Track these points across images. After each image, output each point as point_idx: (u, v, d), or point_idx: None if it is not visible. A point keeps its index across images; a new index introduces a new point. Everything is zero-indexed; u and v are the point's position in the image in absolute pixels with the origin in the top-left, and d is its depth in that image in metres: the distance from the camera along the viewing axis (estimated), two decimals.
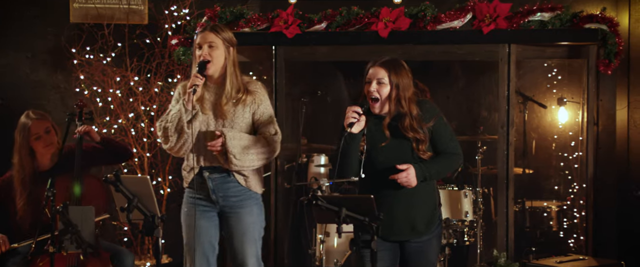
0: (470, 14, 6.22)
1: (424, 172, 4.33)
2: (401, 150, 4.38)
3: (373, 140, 4.42)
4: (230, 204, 4.75)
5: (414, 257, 4.50)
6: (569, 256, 6.11)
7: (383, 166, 4.38)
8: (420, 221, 4.43)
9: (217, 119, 4.70)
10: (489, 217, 7.13)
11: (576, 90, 7.38)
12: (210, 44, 4.67)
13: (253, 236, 4.79)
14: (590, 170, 6.43)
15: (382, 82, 4.34)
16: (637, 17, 7.08)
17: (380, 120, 4.41)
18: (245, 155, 4.65)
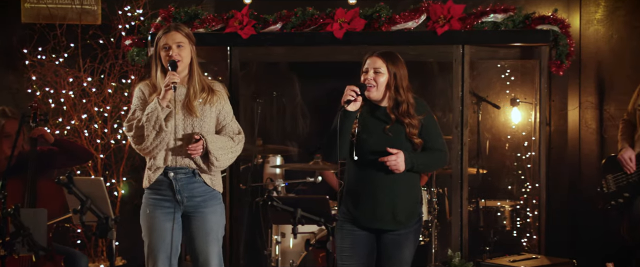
0: (425, 15, 6.26)
1: (413, 160, 4.46)
2: (393, 137, 4.49)
3: (365, 126, 4.52)
4: (195, 204, 4.72)
5: (390, 249, 4.58)
6: (522, 255, 6.18)
7: (373, 152, 4.47)
8: (401, 211, 4.53)
9: (187, 118, 4.68)
10: (444, 217, 7.17)
11: (529, 91, 7.45)
12: (178, 43, 4.67)
13: (217, 235, 4.78)
14: (542, 170, 6.51)
15: (379, 72, 4.51)
16: (588, 18, 7.18)
17: (374, 108, 4.55)
18: (223, 156, 4.67)
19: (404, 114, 4.50)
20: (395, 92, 4.52)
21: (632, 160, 5.50)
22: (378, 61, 4.53)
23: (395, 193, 4.51)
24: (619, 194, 5.60)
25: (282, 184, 6.59)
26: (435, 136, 4.62)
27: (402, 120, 4.49)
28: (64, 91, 7.11)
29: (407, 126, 4.50)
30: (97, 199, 4.24)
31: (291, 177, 7.00)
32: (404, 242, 4.58)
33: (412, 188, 4.61)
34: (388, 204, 4.50)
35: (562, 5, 7.18)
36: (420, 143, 4.54)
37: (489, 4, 6.38)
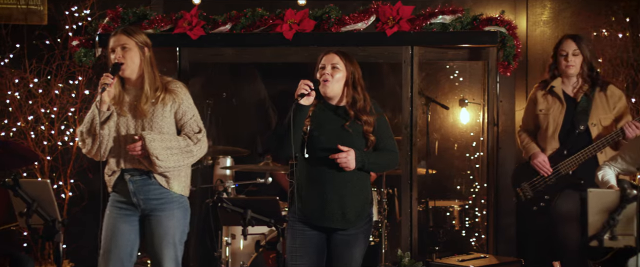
0: (374, 16, 6.28)
1: (363, 158, 4.49)
2: (350, 134, 4.50)
3: (318, 123, 4.54)
4: (152, 207, 4.69)
5: (340, 250, 4.58)
6: (471, 255, 6.22)
7: (324, 149, 4.48)
8: (351, 210, 4.53)
9: (136, 120, 4.66)
10: (394, 218, 7.20)
11: (477, 92, 7.53)
12: (123, 46, 4.65)
13: (172, 239, 4.73)
14: (491, 170, 6.57)
15: (337, 67, 4.54)
16: (534, 20, 7.27)
17: (330, 106, 4.58)
18: (169, 156, 4.61)
19: (362, 111, 4.54)
20: (353, 89, 4.58)
21: (546, 162, 5.62)
22: (335, 57, 4.57)
23: (346, 192, 4.52)
24: (540, 198, 5.70)
25: (232, 186, 6.57)
26: (387, 136, 4.66)
27: (360, 118, 4.52)
28: (9, 92, 7.00)
29: (364, 124, 4.53)
30: (44, 202, 4.19)
31: (241, 178, 6.99)
32: (354, 242, 4.60)
33: (362, 188, 4.62)
34: (338, 203, 4.50)
35: (509, 6, 7.26)
36: (373, 142, 4.57)
37: (437, 5, 6.42)
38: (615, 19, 6.69)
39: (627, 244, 3.99)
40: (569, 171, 5.55)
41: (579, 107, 5.56)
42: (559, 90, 5.63)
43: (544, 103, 5.69)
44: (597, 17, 6.81)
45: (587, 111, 5.53)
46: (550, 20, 7.25)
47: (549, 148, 5.65)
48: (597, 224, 4.04)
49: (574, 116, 5.56)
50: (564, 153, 5.58)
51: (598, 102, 5.53)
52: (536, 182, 5.72)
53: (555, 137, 5.62)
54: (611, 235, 3.95)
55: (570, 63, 5.55)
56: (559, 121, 5.60)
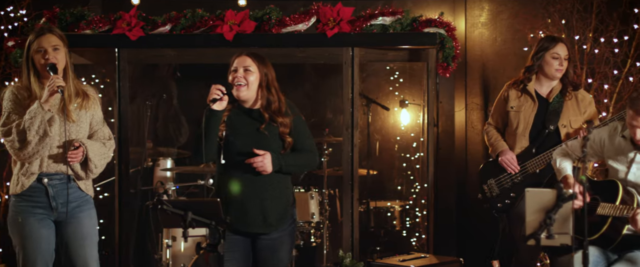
0: (315, 17, 6.29)
1: (280, 161, 4.44)
2: (266, 137, 4.46)
3: (233, 128, 4.49)
4: (70, 210, 4.61)
5: (266, 254, 4.54)
6: (412, 254, 6.27)
7: (241, 154, 4.43)
8: (272, 214, 4.49)
9: (65, 123, 4.57)
10: (335, 218, 7.23)
11: (417, 93, 7.59)
12: (54, 46, 4.56)
13: (93, 239, 4.70)
14: (431, 170, 6.62)
15: (249, 70, 4.49)
16: (473, 21, 7.36)
17: (245, 110, 4.53)
18: (100, 161, 4.61)
19: (277, 112, 4.50)
20: (267, 91, 4.51)
21: (514, 160, 5.67)
22: (247, 60, 4.52)
23: (266, 195, 4.48)
24: (506, 195, 5.75)
25: (172, 187, 6.52)
26: (304, 137, 4.62)
27: (275, 120, 4.49)
28: None
29: (280, 125, 4.49)
30: None
31: (182, 180, 6.94)
32: (279, 246, 4.55)
33: (282, 190, 4.57)
34: (259, 209, 4.47)
35: (448, 8, 7.33)
36: (291, 143, 4.54)
37: (377, 7, 6.46)
38: (552, 21, 6.79)
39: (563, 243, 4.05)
40: (536, 170, 5.61)
41: (550, 107, 5.61)
42: (532, 89, 5.68)
43: (515, 101, 5.73)
44: (534, 19, 6.91)
45: (558, 112, 5.59)
46: (488, 22, 7.34)
47: (518, 146, 5.70)
48: (534, 223, 4.09)
49: (545, 116, 5.61)
50: (532, 152, 5.63)
51: (569, 104, 5.59)
52: (503, 180, 5.77)
53: (525, 135, 5.67)
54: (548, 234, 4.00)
55: (562, 67, 5.58)
56: (529, 120, 5.65)
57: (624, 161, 4.59)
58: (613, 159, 4.65)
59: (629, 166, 4.56)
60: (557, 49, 5.56)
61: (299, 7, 6.43)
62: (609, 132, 4.73)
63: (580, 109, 5.62)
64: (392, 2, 7.06)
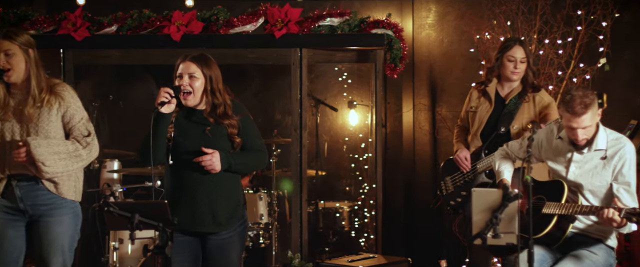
0: (263, 18, 6.29)
1: (229, 159, 4.41)
2: (213, 138, 4.43)
3: (181, 129, 4.45)
4: (40, 213, 4.54)
5: (215, 254, 4.51)
6: (360, 255, 6.28)
7: (189, 154, 4.40)
8: (222, 213, 4.46)
9: (22, 125, 4.50)
10: (284, 219, 7.23)
11: (365, 94, 7.62)
12: (6, 52, 4.48)
13: (61, 245, 4.59)
14: (379, 170, 6.65)
15: (194, 76, 4.42)
16: (420, 23, 7.41)
17: (192, 112, 4.48)
18: (56, 161, 4.47)
19: (223, 115, 4.47)
20: (212, 95, 4.47)
21: (467, 159, 5.72)
22: (192, 66, 4.45)
23: (215, 195, 4.45)
24: (457, 193, 5.81)
25: (119, 189, 6.45)
26: (253, 136, 4.60)
27: (221, 122, 4.47)
28: None
29: (227, 127, 4.47)
30: None
31: (130, 182, 6.87)
32: (229, 246, 4.52)
33: (232, 190, 4.55)
34: (208, 206, 4.44)
35: (396, 9, 7.37)
36: (240, 143, 4.53)
37: (325, 8, 6.48)
38: (497, 23, 6.87)
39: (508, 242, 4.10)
40: (485, 171, 5.66)
41: (505, 109, 5.66)
42: (492, 90, 5.72)
43: (475, 101, 5.78)
44: (480, 20, 6.98)
45: (512, 114, 5.63)
46: (435, 23, 7.40)
47: (472, 145, 5.75)
48: (481, 222, 4.13)
49: (499, 118, 5.66)
50: (484, 152, 5.68)
51: (525, 107, 5.63)
52: (456, 178, 5.81)
53: (477, 136, 5.72)
54: (494, 233, 4.05)
55: (517, 70, 5.62)
56: (483, 120, 5.70)
57: (563, 161, 4.67)
58: (552, 161, 4.72)
59: (568, 166, 4.64)
60: (512, 52, 5.61)
61: (247, 8, 6.42)
62: (546, 134, 4.81)
63: (536, 110, 5.66)
64: (340, 3, 7.08)
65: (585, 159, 4.59)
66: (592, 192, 4.56)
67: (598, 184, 4.56)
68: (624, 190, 4.48)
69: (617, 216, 4.22)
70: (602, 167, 4.55)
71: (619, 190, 4.49)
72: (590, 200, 4.57)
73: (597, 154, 4.56)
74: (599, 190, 4.55)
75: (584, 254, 4.51)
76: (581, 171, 4.59)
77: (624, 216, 4.20)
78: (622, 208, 4.23)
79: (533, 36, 6.75)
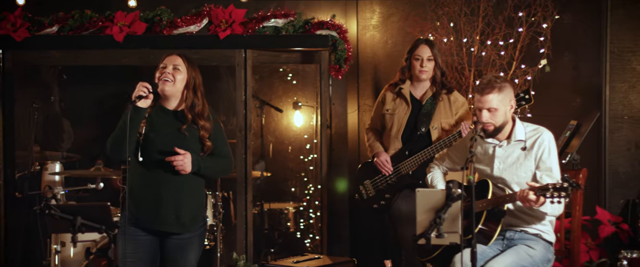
0: (207, 19, 6.26)
1: (199, 162, 4.46)
2: (187, 138, 4.46)
3: (153, 126, 4.46)
4: None
5: (174, 255, 4.54)
6: (306, 256, 6.29)
7: (159, 153, 4.41)
8: (186, 214, 4.50)
9: None
10: (229, 221, 7.20)
11: (310, 95, 7.63)
12: None
13: None
14: (324, 171, 6.67)
15: (178, 69, 4.49)
16: (364, 24, 7.44)
17: (165, 110, 4.51)
18: None
19: (200, 115, 4.52)
20: (193, 94, 4.53)
21: (388, 162, 5.78)
22: (178, 59, 4.52)
23: (181, 196, 4.49)
24: (381, 196, 5.85)
25: (61, 192, 6.37)
26: (222, 143, 4.67)
27: (197, 122, 4.50)
28: None
29: (201, 128, 4.51)
30: None
31: (72, 184, 6.79)
32: (188, 246, 4.57)
33: (197, 192, 4.61)
34: (173, 206, 4.47)
35: (340, 11, 7.39)
36: (210, 147, 4.55)
37: (269, 9, 6.47)
38: (440, 24, 6.93)
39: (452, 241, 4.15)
40: (409, 171, 5.71)
41: (423, 109, 5.72)
42: (407, 92, 5.78)
43: (391, 103, 5.83)
44: (424, 22, 7.03)
45: (430, 114, 5.69)
46: (380, 24, 7.44)
47: (392, 148, 5.80)
48: (425, 222, 4.17)
49: (417, 118, 5.71)
50: (405, 153, 5.72)
51: (441, 106, 5.70)
52: (378, 181, 5.85)
53: (398, 138, 5.77)
54: (438, 233, 4.09)
55: (424, 68, 5.69)
56: (402, 122, 5.76)
57: (486, 159, 4.78)
58: (477, 161, 4.81)
59: (492, 162, 4.74)
60: (418, 51, 5.72)
61: (191, 9, 6.38)
62: (469, 137, 4.91)
63: (452, 110, 5.76)
64: (284, 4, 7.08)
65: (507, 153, 4.71)
66: (519, 184, 4.67)
67: (523, 176, 4.67)
68: (546, 176, 4.61)
69: (532, 194, 4.31)
70: (524, 158, 4.67)
71: (542, 177, 4.63)
72: None
73: (517, 146, 4.70)
74: (524, 180, 4.66)
75: (521, 249, 4.61)
76: (505, 165, 4.71)
77: (538, 194, 4.29)
78: (537, 187, 4.31)
79: (475, 37, 6.83)
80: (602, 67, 6.93)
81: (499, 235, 4.65)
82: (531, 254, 4.58)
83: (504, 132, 4.71)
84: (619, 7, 6.92)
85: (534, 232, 4.70)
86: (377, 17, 7.45)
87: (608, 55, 6.92)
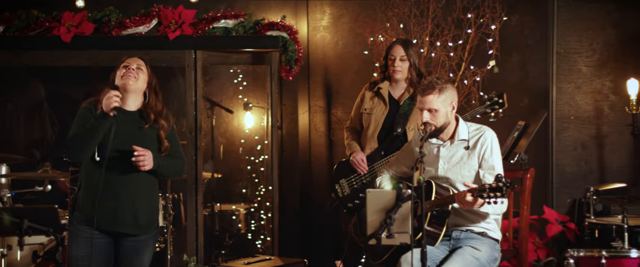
0: (156, 19, 6.22)
1: (158, 161, 4.51)
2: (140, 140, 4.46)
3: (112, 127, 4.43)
4: None
5: (129, 256, 4.54)
6: (257, 257, 6.27)
7: (118, 153, 4.41)
8: (143, 215, 4.51)
9: None
10: (179, 223, 7.15)
11: (261, 96, 7.62)
12: None
13: None
14: (275, 172, 6.66)
15: (141, 69, 4.55)
16: (315, 25, 7.46)
17: (123, 111, 4.49)
18: None
19: (159, 114, 4.56)
20: (154, 95, 4.59)
21: (364, 161, 5.79)
22: (140, 60, 4.60)
23: (139, 197, 4.50)
24: (355, 195, 5.86)
25: (8, 194, 6.28)
26: (176, 143, 4.70)
27: (157, 121, 4.54)
28: None
29: (160, 128, 4.55)
30: None
31: (18, 186, 6.69)
32: (143, 248, 4.58)
33: (153, 193, 4.64)
34: (129, 207, 4.46)
35: (290, 12, 7.39)
36: (167, 147, 4.59)
37: (219, 9, 6.45)
38: (390, 25, 6.97)
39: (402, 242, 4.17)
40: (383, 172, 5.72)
41: (400, 110, 5.73)
42: (386, 92, 5.79)
43: (369, 103, 5.84)
44: (374, 23, 7.06)
45: (407, 115, 5.71)
46: (330, 25, 7.45)
47: (368, 147, 5.80)
48: (375, 223, 4.19)
49: (394, 119, 5.73)
50: (381, 153, 5.73)
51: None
52: (353, 180, 5.85)
53: (374, 137, 5.78)
54: (388, 233, 4.11)
55: (396, 68, 5.71)
56: (379, 122, 5.76)
57: (431, 160, 4.81)
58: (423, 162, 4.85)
59: (436, 162, 4.78)
60: (392, 50, 5.76)
61: (140, 9, 6.33)
62: (414, 138, 4.97)
63: None
64: (234, 5, 7.06)
65: (450, 153, 4.75)
66: (464, 183, 4.70)
67: (467, 174, 4.72)
68: (488, 174, 4.66)
69: (469, 196, 4.35)
70: (467, 157, 4.72)
71: (485, 175, 4.67)
72: None
73: (461, 145, 4.75)
74: (469, 179, 4.72)
75: (467, 251, 4.64)
76: (449, 165, 4.76)
77: (475, 195, 4.33)
78: (473, 189, 4.35)
79: (425, 39, 6.88)
80: (549, 68, 7.02)
81: (445, 235, 4.68)
82: (477, 257, 4.60)
83: (447, 132, 4.75)
84: (565, 9, 7.01)
85: (480, 231, 4.74)
86: (328, 18, 7.47)
87: (555, 56, 7.01)
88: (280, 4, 7.42)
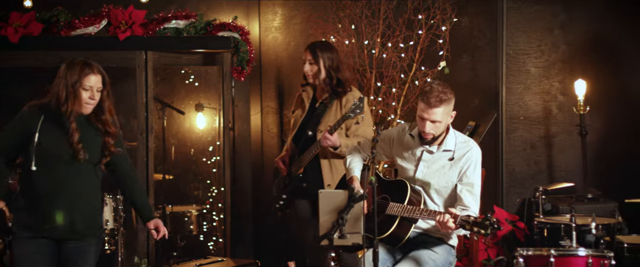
0: (106, 20, 6.17)
1: None
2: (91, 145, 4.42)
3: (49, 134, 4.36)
4: None
5: (73, 260, 4.47)
6: (209, 259, 6.25)
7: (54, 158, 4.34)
8: (80, 220, 4.42)
9: None
10: (130, 224, 7.09)
11: (213, 97, 7.58)
12: None
13: None
14: (227, 174, 6.64)
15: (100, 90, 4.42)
16: (267, 26, 7.45)
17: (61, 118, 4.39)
18: None
19: (107, 122, 4.48)
20: (107, 99, 4.49)
21: (285, 163, 5.83)
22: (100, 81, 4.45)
23: (77, 202, 4.42)
24: (279, 196, 5.89)
25: None
26: (123, 145, 4.69)
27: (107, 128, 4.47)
28: None
29: (106, 136, 4.48)
30: None
31: None
32: (87, 249, 4.51)
33: (92, 198, 4.53)
34: (69, 213, 4.38)
35: (242, 12, 7.38)
36: (119, 151, 4.56)
37: (170, 10, 6.41)
38: (342, 26, 6.99)
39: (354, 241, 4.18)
40: (298, 173, 5.73)
41: (315, 113, 5.75)
42: (308, 95, 5.80)
43: (295, 105, 5.87)
44: (326, 24, 7.07)
45: (319, 118, 5.72)
46: (282, 26, 7.45)
47: (290, 149, 5.83)
48: (327, 223, 4.19)
49: (309, 122, 5.75)
50: (297, 156, 5.76)
51: (332, 110, 5.72)
52: (280, 180, 5.87)
53: (292, 139, 5.81)
54: (340, 233, 4.11)
55: (306, 72, 5.72)
56: (297, 125, 5.79)
57: (412, 159, 4.78)
58: (401, 158, 4.83)
59: (417, 164, 4.75)
60: (304, 55, 5.77)
61: (89, 10, 6.27)
62: (398, 132, 4.91)
63: (342, 113, 5.76)
64: (186, 5, 7.02)
65: (433, 159, 4.72)
66: (437, 191, 4.70)
67: (444, 184, 4.70)
68: (467, 191, 4.63)
69: (452, 222, 4.34)
70: (449, 167, 4.68)
71: (463, 191, 4.63)
72: (435, 199, 4.71)
73: (445, 155, 4.70)
74: (444, 190, 4.70)
75: (424, 253, 4.63)
76: (429, 170, 4.71)
77: (458, 223, 4.32)
78: (457, 215, 4.34)
79: (377, 40, 6.91)
80: (499, 69, 7.09)
81: None
82: (434, 259, 4.61)
83: (437, 139, 4.71)
84: (514, 10, 7.09)
85: (438, 236, 4.75)
86: (279, 19, 7.46)
87: (504, 57, 7.08)
88: (231, 4, 7.40)
